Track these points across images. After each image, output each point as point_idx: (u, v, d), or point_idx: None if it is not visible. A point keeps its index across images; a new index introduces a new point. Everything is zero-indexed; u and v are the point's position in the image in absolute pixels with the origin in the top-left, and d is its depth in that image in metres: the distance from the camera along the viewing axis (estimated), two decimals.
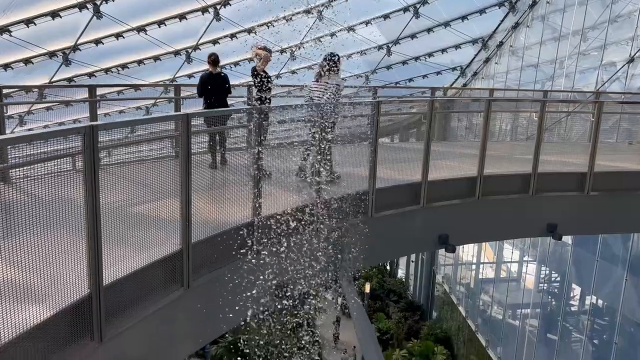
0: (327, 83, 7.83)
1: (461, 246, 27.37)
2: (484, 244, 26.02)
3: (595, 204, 9.36)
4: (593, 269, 16.32)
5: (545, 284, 21.55)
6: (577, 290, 19.50)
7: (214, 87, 8.45)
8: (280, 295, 6.32)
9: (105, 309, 4.10)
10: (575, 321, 19.14)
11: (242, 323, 5.85)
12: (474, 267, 27.47)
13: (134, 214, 4.86)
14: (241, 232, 5.70)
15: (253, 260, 5.77)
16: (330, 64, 7.79)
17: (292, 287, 6.40)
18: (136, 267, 4.53)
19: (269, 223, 6.00)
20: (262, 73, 8.26)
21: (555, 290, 20.84)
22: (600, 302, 17.58)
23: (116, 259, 4.38)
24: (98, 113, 9.03)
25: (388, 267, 38.07)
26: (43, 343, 3.66)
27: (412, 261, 34.54)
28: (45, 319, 3.65)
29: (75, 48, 16.48)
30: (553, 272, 21.04)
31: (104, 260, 4.15)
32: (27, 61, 16.39)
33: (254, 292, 5.73)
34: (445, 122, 14.13)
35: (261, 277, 5.81)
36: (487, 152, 8.48)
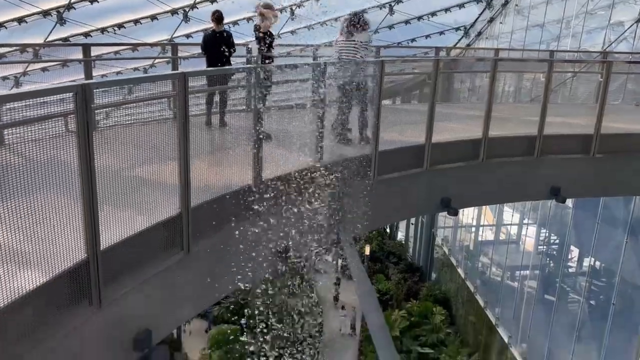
0: (357, 41, 7.62)
1: (462, 209, 27.44)
2: (484, 207, 26.07)
3: (600, 166, 9.23)
4: (593, 231, 16.35)
5: (545, 247, 21.68)
6: (575, 253, 19.61)
7: (217, 45, 8.20)
8: (281, 258, 6.28)
9: (104, 273, 4.03)
10: (573, 283, 19.32)
11: (244, 287, 5.83)
12: (473, 229, 27.60)
13: (132, 177, 4.73)
14: (242, 196, 5.59)
15: (255, 224, 5.69)
16: (361, 21, 7.59)
17: (293, 250, 6.34)
18: (134, 231, 4.44)
19: (270, 186, 5.89)
20: (266, 33, 8.05)
21: (554, 252, 20.97)
22: (598, 264, 17.69)
23: (114, 223, 4.28)
24: (94, 74, 8.80)
25: (388, 230, 38.28)
26: (40, 308, 3.60)
27: (412, 224, 34.71)
28: (42, 283, 3.58)
29: (69, 6, 16.01)
30: (552, 234, 21.13)
31: (101, 224, 4.05)
32: (20, 20, 15.95)
33: (255, 256, 5.67)
34: (448, 84, 13.86)
35: (262, 241, 5.74)
36: (491, 113, 8.30)
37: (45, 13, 16.00)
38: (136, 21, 17.89)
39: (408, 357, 23.88)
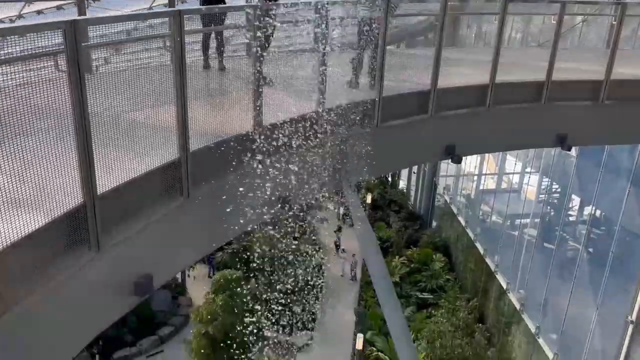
0: None
1: (463, 158, 27.31)
2: (486, 155, 25.95)
3: (609, 113, 9.04)
4: (596, 180, 16.28)
5: (546, 195, 21.70)
6: (576, 202, 19.64)
7: None
8: (283, 205, 6.21)
9: (101, 218, 3.96)
10: (573, 231, 19.45)
11: (246, 233, 5.80)
12: (475, 178, 27.58)
13: (129, 121, 4.60)
14: (242, 141, 5.46)
15: (256, 170, 5.59)
16: None
17: (295, 197, 6.27)
18: (133, 176, 4.34)
19: (271, 132, 5.75)
20: None
21: (555, 201, 21.01)
22: (599, 212, 17.74)
23: (111, 168, 4.18)
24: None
25: (389, 178, 38.34)
26: (38, 251, 3.55)
27: (414, 172, 34.70)
28: (38, 227, 3.51)
29: None
30: (554, 183, 21.10)
31: (98, 169, 3.95)
32: None
33: (256, 202, 5.60)
34: (454, 28, 13.42)
35: (263, 188, 5.66)
36: (499, 58, 8.03)
37: None
38: None
39: (407, 302, 24.40)
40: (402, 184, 37.77)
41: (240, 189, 5.46)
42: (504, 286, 21.20)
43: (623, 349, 14.12)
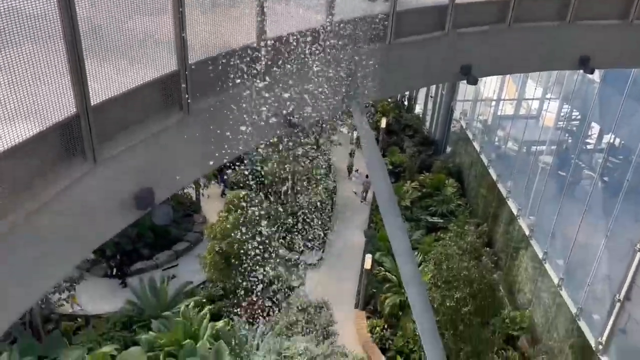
0: None
1: (483, 82, 26.54)
2: (507, 79, 25.15)
3: (637, 34, 8.51)
4: (618, 107, 15.75)
5: (565, 122, 21.18)
6: (595, 129, 19.15)
7: None
8: (288, 125, 6.06)
9: (97, 130, 3.87)
10: (589, 159, 19.12)
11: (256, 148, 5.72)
12: (493, 103, 26.92)
13: (124, 30, 4.38)
14: (245, 55, 5.24)
15: (259, 87, 5.41)
16: None
17: (300, 116, 6.10)
18: (129, 88, 4.20)
19: (275, 45, 5.50)
20: None
21: (574, 128, 20.52)
22: (618, 141, 17.32)
23: (105, 79, 4.04)
24: None
25: (405, 102, 37.65)
26: (32, 161, 3.50)
27: (431, 97, 33.97)
28: (31, 136, 3.44)
29: None
30: (575, 110, 20.51)
31: (91, 79, 3.81)
32: None
33: (259, 120, 5.47)
34: None
35: (267, 105, 5.50)
36: None
37: None
38: None
39: (417, 225, 24.70)
40: (418, 109, 37.11)
41: (244, 105, 5.31)
42: (515, 212, 21.26)
43: (629, 276, 14.27)
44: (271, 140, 7.25)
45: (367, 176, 27.20)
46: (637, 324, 14.20)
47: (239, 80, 5.21)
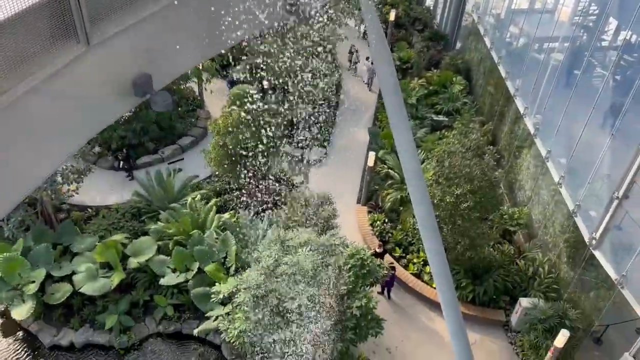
0: None
1: None
2: None
3: None
4: (638, 1, 14.94)
5: (581, 17, 20.22)
6: (612, 25, 18.31)
7: None
8: (290, 12, 5.79)
9: (88, 9, 3.70)
10: (602, 57, 18.48)
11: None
12: None
13: None
14: None
15: None
16: None
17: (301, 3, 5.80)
18: None
19: None
20: None
21: (590, 24, 19.63)
22: (635, 38, 16.63)
23: None
24: None
25: None
26: (21, 40, 3.38)
27: None
28: (18, 11, 3.29)
29: None
30: (593, 4, 19.50)
31: None
32: None
33: (258, 6, 5.21)
34: None
35: None
36: None
37: None
38: None
39: (422, 123, 24.59)
40: (429, 1, 35.41)
41: None
42: (521, 110, 21.02)
43: (630, 173, 14.38)
44: (273, 32, 6.98)
45: (372, 63, 26.68)
46: (632, 222, 14.55)
47: None
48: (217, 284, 16.02)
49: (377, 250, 18.08)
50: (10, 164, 3.54)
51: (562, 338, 14.78)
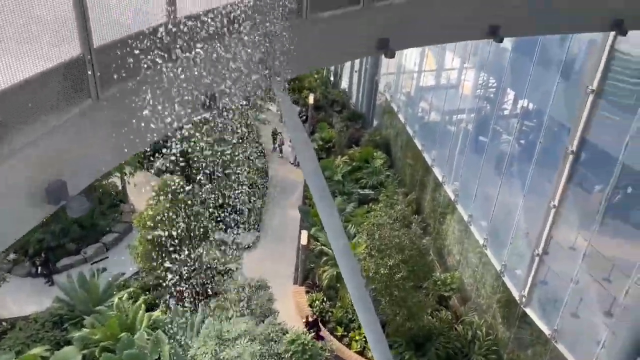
0: None
1: (404, 55, 27.09)
2: (426, 52, 25.81)
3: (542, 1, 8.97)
4: (528, 73, 16.61)
5: (482, 90, 22.10)
6: (511, 95, 20.14)
7: None
8: (209, 106, 5.93)
9: None
10: (506, 124, 20.13)
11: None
12: (415, 75, 27.60)
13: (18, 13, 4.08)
14: (156, 36, 5.04)
15: (174, 68, 5.24)
16: None
17: (219, 95, 5.99)
18: (24, 77, 3.94)
19: (188, 24, 5.33)
20: None
21: (491, 95, 21.46)
22: (531, 105, 18.32)
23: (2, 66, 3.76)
24: None
25: (332, 78, 37.87)
26: None
27: (355, 71, 34.32)
28: None
29: None
30: (491, 78, 21.43)
31: None
32: None
33: (176, 102, 5.31)
34: None
35: (184, 86, 5.34)
36: None
37: None
38: None
39: (349, 198, 25.14)
40: (344, 84, 37.46)
41: (157, 90, 5.13)
42: (440, 179, 22.11)
43: (545, 230, 15.28)
44: (196, 122, 7.08)
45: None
46: (556, 275, 15.29)
47: (152, 63, 5.02)
48: None
49: (310, 319, 17.81)
50: None
51: None
